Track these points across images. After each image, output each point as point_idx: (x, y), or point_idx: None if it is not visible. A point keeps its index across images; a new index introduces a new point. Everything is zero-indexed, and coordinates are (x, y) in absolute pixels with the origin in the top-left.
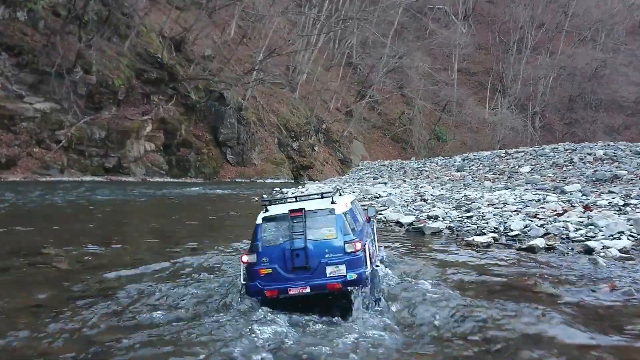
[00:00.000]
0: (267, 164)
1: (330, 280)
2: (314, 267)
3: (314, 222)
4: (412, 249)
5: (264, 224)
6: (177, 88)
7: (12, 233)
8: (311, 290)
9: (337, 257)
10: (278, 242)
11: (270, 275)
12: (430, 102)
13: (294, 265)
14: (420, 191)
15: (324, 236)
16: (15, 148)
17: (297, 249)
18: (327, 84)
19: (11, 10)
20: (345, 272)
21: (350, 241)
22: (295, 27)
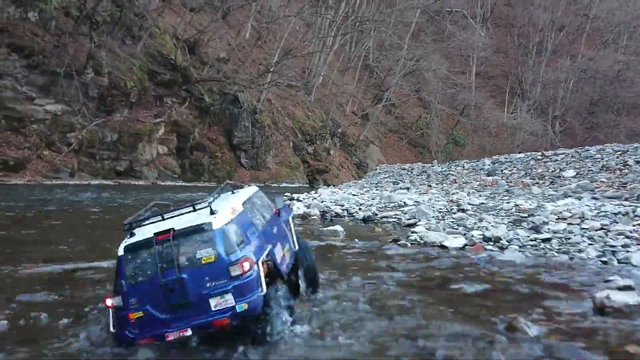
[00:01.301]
0: (281, 167)
1: (216, 317)
2: (195, 302)
3: (188, 244)
4: (482, 305)
5: (127, 254)
6: (190, 90)
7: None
8: (193, 332)
9: (221, 284)
10: (146, 276)
11: (142, 320)
12: (447, 106)
13: (169, 303)
14: (454, 199)
15: (202, 260)
16: (24, 150)
17: (170, 282)
18: (343, 87)
19: (22, 10)
20: (234, 302)
21: (236, 261)
22: (310, 29)
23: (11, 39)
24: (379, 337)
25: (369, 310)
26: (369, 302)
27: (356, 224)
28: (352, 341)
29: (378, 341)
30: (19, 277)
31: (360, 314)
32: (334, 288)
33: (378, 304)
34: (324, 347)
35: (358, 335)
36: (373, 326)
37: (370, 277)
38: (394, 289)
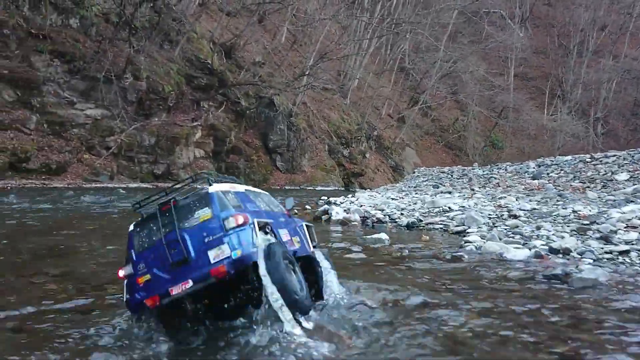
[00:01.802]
0: (317, 171)
1: (214, 266)
2: (195, 257)
3: (188, 209)
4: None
5: (136, 228)
6: (227, 94)
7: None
8: (194, 283)
9: (217, 237)
10: (152, 242)
11: (150, 282)
12: (485, 108)
13: (172, 261)
14: (501, 203)
15: (200, 219)
16: (65, 154)
17: (171, 242)
18: (378, 90)
19: (64, 17)
20: (230, 251)
21: (230, 216)
22: (346, 32)
23: (54, 45)
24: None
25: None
26: (441, 337)
27: (400, 231)
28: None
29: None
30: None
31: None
32: (389, 313)
33: (447, 333)
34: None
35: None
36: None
37: (433, 298)
38: (466, 320)
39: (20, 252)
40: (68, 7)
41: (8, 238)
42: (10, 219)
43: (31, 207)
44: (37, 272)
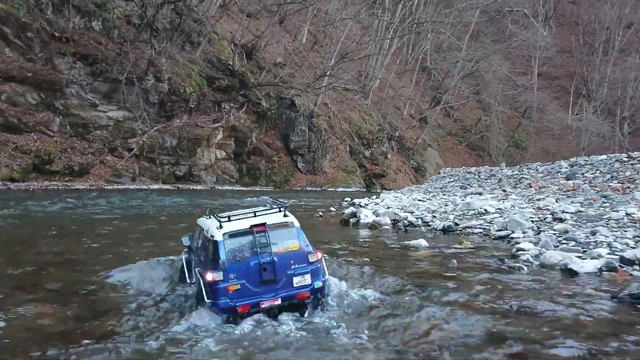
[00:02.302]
0: (338, 172)
1: (300, 291)
2: (282, 279)
3: (276, 235)
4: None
5: (227, 240)
6: (248, 95)
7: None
8: (282, 300)
9: (302, 267)
10: (243, 257)
11: (240, 291)
12: (508, 108)
13: (263, 279)
14: (541, 205)
15: (288, 248)
16: (88, 156)
17: (264, 263)
18: (400, 90)
19: (86, 19)
20: (311, 280)
21: (313, 252)
22: (367, 32)
23: (76, 47)
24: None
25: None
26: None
27: (435, 236)
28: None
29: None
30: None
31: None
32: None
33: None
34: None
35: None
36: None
37: (515, 328)
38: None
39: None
40: (91, 9)
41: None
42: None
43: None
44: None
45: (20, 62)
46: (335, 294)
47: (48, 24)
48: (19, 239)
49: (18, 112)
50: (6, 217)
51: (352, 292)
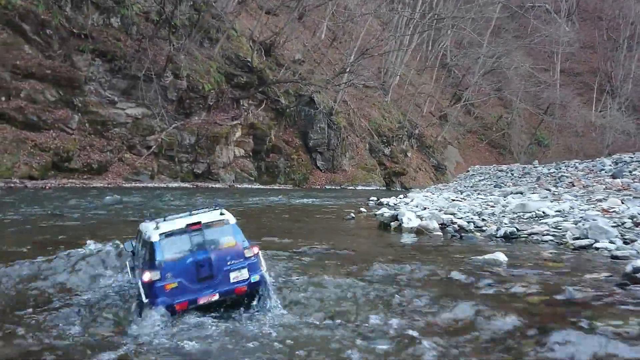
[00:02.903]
0: (358, 170)
1: (237, 285)
2: (219, 275)
3: (211, 233)
4: None
5: (163, 240)
6: (266, 93)
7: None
8: (220, 296)
9: (239, 262)
10: (180, 255)
11: (177, 289)
12: (530, 105)
13: (200, 276)
14: (605, 207)
15: (224, 245)
16: (107, 154)
17: (200, 260)
18: (420, 87)
19: (105, 16)
20: (248, 275)
21: (248, 247)
22: (387, 28)
23: (95, 44)
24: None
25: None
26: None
27: (498, 244)
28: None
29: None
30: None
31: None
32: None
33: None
34: None
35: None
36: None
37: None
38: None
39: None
40: (109, 6)
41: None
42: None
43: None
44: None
45: (39, 59)
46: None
47: (67, 21)
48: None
49: (37, 110)
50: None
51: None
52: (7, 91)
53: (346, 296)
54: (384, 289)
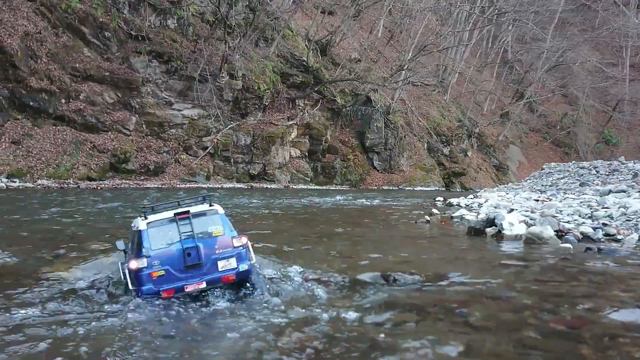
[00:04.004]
0: (416, 170)
1: (225, 274)
2: (207, 263)
3: (200, 222)
4: None
5: (150, 229)
6: (322, 92)
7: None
8: (207, 284)
9: (227, 251)
10: (168, 243)
11: (164, 277)
12: (598, 101)
13: (186, 264)
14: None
15: (212, 233)
16: (163, 155)
17: (189, 248)
18: (480, 85)
19: (162, 18)
20: (236, 264)
21: (237, 236)
22: (445, 24)
23: (152, 46)
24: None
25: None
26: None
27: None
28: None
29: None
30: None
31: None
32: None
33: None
34: None
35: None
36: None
37: None
38: None
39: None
40: (166, 7)
41: None
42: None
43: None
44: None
45: (98, 61)
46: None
47: (125, 23)
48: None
49: (96, 112)
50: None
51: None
52: (66, 93)
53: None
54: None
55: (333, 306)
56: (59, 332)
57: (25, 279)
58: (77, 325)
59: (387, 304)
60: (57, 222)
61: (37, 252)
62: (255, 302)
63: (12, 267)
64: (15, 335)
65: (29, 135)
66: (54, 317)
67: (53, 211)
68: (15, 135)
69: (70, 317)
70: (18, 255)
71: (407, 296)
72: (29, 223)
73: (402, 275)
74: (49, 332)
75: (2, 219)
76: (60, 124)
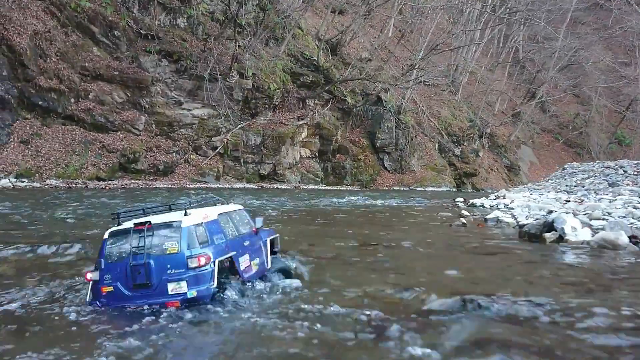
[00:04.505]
0: (427, 171)
1: (170, 298)
2: (156, 284)
3: (159, 236)
4: None
5: (110, 238)
6: (332, 92)
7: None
8: (149, 306)
9: (179, 272)
10: (120, 257)
11: (112, 294)
12: (610, 101)
13: (135, 283)
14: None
15: (167, 250)
16: (173, 155)
17: (138, 265)
18: (491, 84)
19: (171, 17)
20: (187, 289)
21: (194, 256)
22: (458, 22)
23: (161, 45)
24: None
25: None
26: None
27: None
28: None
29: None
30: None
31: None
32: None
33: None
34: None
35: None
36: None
37: None
38: None
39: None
40: (176, 6)
41: None
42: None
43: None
44: None
45: (107, 60)
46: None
47: (134, 22)
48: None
49: (105, 111)
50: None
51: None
52: (76, 93)
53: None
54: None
55: (406, 344)
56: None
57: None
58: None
59: (479, 342)
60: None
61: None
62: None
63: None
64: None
65: (38, 134)
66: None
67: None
68: (24, 135)
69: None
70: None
71: (506, 330)
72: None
73: (486, 300)
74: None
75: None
76: (70, 123)
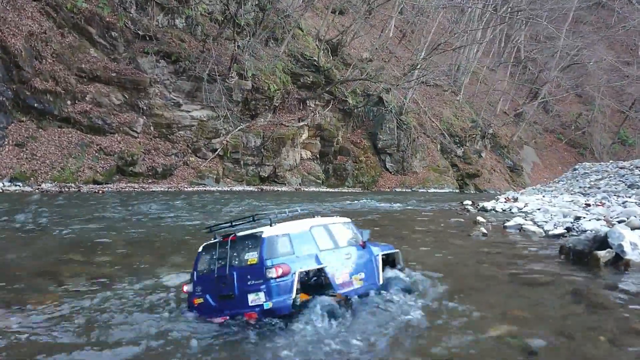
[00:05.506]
0: (429, 172)
1: (248, 310)
2: (238, 296)
3: (242, 248)
4: None
5: (202, 252)
6: (333, 93)
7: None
8: (230, 317)
9: (258, 283)
10: (209, 270)
11: (202, 305)
12: (613, 101)
13: (220, 294)
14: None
15: (248, 261)
16: (172, 157)
17: (222, 276)
18: (493, 84)
19: (169, 17)
20: (264, 300)
21: (272, 266)
22: (459, 23)
23: (160, 46)
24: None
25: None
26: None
27: None
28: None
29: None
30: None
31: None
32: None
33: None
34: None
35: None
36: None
37: None
38: None
39: None
40: (174, 7)
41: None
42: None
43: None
44: None
45: (104, 62)
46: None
47: (132, 23)
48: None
49: (102, 113)
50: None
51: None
52: (72, 95)
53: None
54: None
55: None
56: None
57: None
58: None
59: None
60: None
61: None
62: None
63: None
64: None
65: (34, 137)
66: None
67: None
68: (19, 138)
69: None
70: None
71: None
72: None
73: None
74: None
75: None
76: (66, 125)
